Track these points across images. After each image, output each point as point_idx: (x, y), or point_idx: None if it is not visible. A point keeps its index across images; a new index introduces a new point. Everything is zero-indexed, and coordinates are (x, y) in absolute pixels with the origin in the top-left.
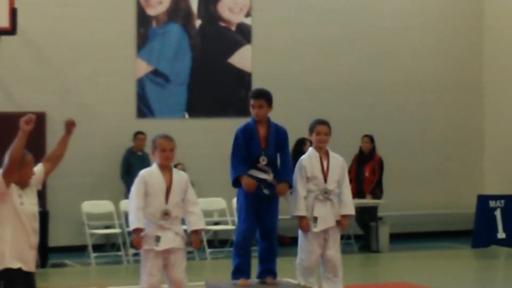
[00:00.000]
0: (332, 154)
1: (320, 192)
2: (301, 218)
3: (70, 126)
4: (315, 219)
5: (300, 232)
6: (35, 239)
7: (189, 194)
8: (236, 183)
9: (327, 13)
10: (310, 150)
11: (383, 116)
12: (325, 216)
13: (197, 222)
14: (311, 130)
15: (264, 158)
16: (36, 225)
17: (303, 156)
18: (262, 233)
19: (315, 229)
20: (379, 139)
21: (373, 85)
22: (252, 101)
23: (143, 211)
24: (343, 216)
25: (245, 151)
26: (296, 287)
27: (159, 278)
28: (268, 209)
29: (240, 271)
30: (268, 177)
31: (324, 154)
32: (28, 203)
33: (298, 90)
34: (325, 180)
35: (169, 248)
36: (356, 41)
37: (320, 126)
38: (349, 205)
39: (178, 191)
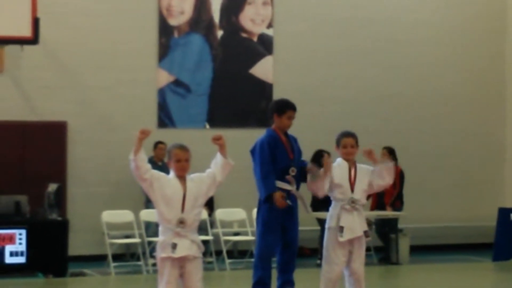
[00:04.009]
0: (359, 165)
1: (347, 202)
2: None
3: None
4: (341, 228)
5: (325, 244)
6: None
7: (205, 177)
8: (267, 198)
9: (348, 25)
10: (339, 159)
11: (403, 129)
12: (352, 226)
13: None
14: (338, 142)
15: (293, 169)
16: None
17: (333, 164)
18: (284, 245)
19: (341, 239)
20: (399, 151)
21: (394, 97)
22: (290, 113)
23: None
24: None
25: (272, 163)
26: None
27: (176, 286)
28: (291, 220)
29: (263, 283)
30: (292, 188)
31: (352, 164)
32: None
33: (318, 102)
34: (352, 190)
35: (185, 255)
36: (376, 53)
37: (346, 139)
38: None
39: (193, 198)
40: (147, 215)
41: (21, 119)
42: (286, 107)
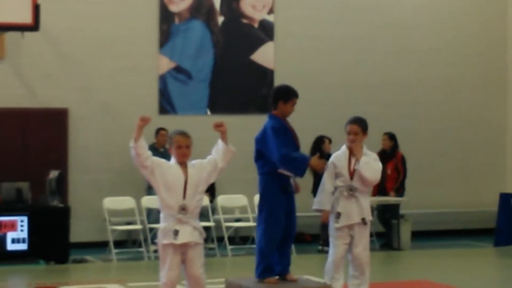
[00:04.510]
0: (364, 151)
1: (345, 188)
2: (323, 211)
3: None
4: (338, 214)
5: (330, 229)
6: None
7: (206, 164)
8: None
9: (349, 11)
10: (343, 147)
11: (405, 114)
12: (349, 212)
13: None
14: (345, 128)
15: None
16: None
17: (336, 153)
18: (286, 231)
19: (337, 225)
20: (401, 137)
21: (395, 83)
22: (295, 100)
23: None
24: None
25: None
26: (315, 284)
27: (178, 273)
28: (292, 207)
29: (270, 270)
30: (292, 175)
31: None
32: None
33: (319, 88)
34: (351, 177)
35: (187, 242)
36: (377, 38)
37: (350, 126)
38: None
39: (195, 185)
40: (148, 201)
41: (22, 106)
42: (292, 94)
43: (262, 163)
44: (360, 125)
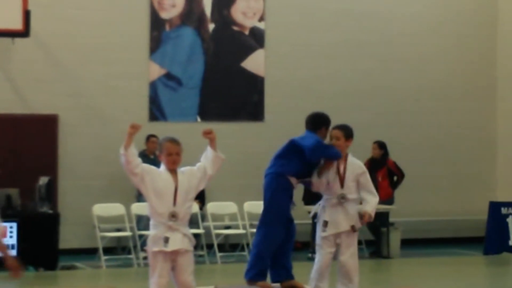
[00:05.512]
0: (350, 159)
1: (335, 197)
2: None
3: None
4: (325, 223)
5: (316, 236)
6: None
7: (196, 171)
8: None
9: (339, 18)
10: None
11: (395, 123)
12: (336, 221)
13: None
14: (329, 134)
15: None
16: None
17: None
18: (290, 235)
19: (324, 233)
20: (391, 145)
21: (386, 91)
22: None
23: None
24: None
25: None
26: None
27: (168, 280)
28: (290, 213)
29: (263, 274)
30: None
31: (342, 159)
32: None
33: (310, 95)
34: (342, 185)
35: (177, 249)
36: (368, 46)
37: (333, 131)
38: (371, 207)
39: (185, 192)
40: (138, 208)
41: (12, 112)
42: (329, 123)
43: (283, 163)
44: (342, 130)
